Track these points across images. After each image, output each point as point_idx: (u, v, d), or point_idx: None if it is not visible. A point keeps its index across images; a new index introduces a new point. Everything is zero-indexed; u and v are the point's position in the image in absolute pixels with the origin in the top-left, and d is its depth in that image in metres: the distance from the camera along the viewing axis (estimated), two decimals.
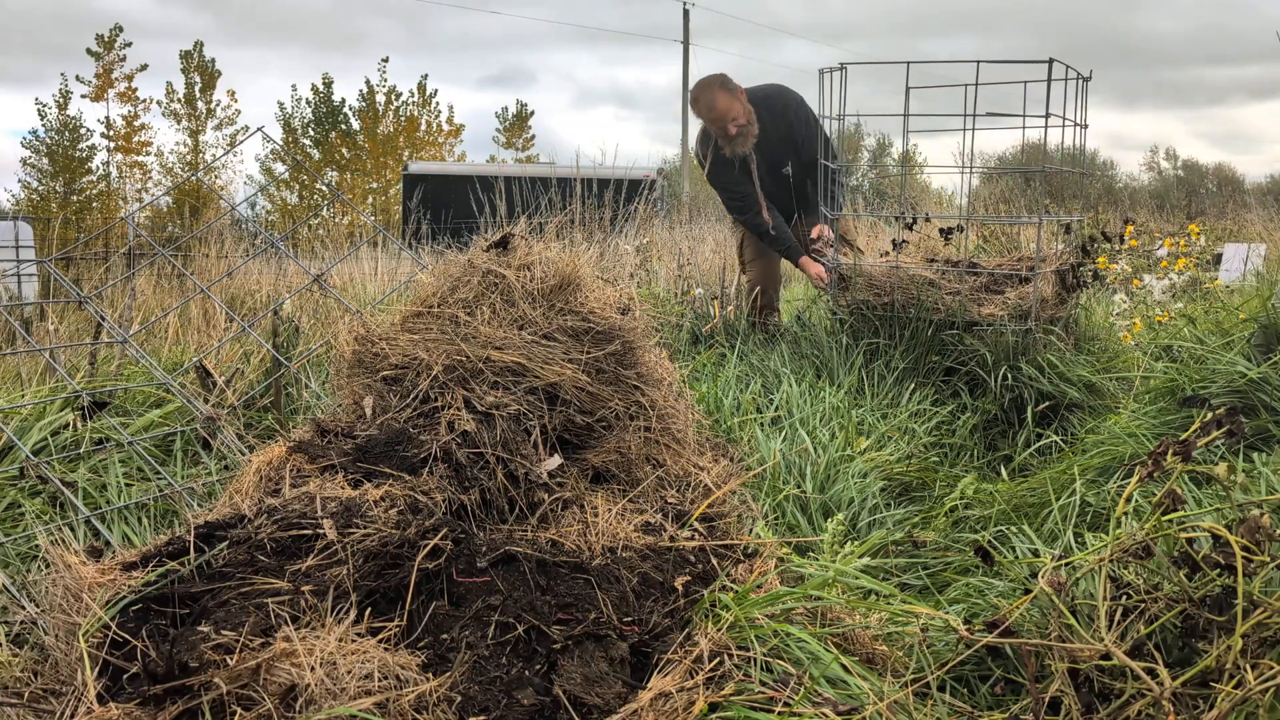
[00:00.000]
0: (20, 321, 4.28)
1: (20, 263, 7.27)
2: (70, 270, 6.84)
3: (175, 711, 1.20)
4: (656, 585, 1.53)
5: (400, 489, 1.63)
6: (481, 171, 12.29)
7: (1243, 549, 1.31)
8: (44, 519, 2.20)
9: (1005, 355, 3.44)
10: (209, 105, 27.12)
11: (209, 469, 2.52)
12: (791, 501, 2.37)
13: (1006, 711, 1.42)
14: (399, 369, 1.97)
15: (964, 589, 1.91)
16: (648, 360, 2.14)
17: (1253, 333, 2.69)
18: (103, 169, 26.13)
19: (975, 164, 5.28)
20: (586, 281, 2.15)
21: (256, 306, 5.09)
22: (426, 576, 1.48)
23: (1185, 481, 2.03)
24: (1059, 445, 2.91)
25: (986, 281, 3.91)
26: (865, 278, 3.90)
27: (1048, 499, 2.32)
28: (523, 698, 1.29)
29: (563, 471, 1.87)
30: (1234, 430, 1.54)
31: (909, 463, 2.84)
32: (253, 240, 6.78)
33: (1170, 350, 2.94)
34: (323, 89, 28.01)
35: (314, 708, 1.19)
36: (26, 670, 1.38)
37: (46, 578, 1.45)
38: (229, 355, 3.34)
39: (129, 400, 2.89)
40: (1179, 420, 2.47)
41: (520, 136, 31.03)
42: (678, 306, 4.91)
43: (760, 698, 1.29)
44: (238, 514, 1.58)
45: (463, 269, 2.16)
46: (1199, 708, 1.23)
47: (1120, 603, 1.40)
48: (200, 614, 1.36)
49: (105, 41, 25.33)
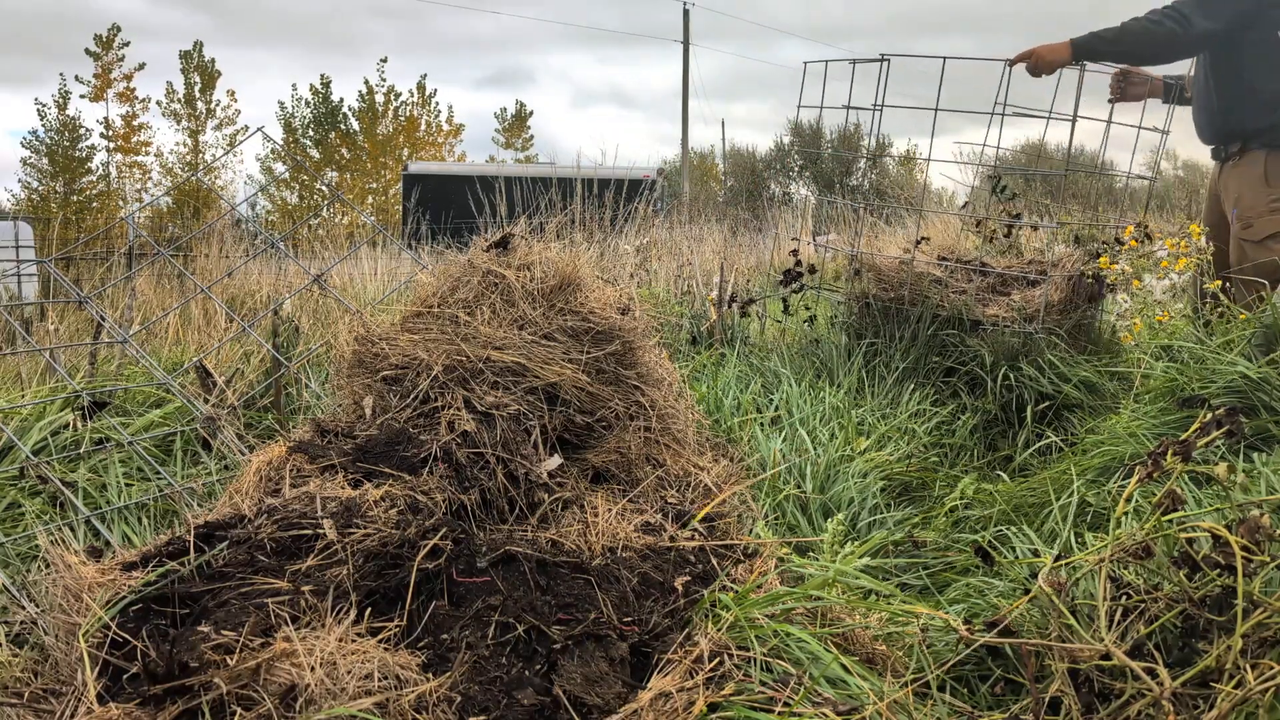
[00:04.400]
0: (20, 321, 4.28)
1: (20, 262, 7.27)
2: (70, 270, 6.84)
3: (175, 711, 1.20)
4: (656, 585, 1.53)
5: (400, 489, 1.63)
6: (481, 171, 12.30)
7: (1243, 549, 1.31)
8: (44, 519, 2.20)
9: (1005, 356, 3.44)
10: (209, 105, 27.14)
11: (209, 469, 2.52)
12: (791, 501, 2.37)
13: (1006, 711, 1.42)
14: (399, 369, 1.97)
15: (964, 589, 1.91)
16: (648, 360, 2.15)
17: (1253, 333, 2.69)
18: (102, 169, 26.14)
19: (979, 164, 5.29)
20: (586, 281, 2.15)
21: (256, 306, 5.09)
22: (426, 576, 1.48)
23: (1185, 481, 2.03)
24: (1059, 445, 2.91)
25: (994, 282, 3.91)
26: (874, 271, 3.90)
27: (1048, 499, 2.32)
28: (523, 698, 1.29)
29: (563, 471, 1.87)
30: (1234, 430, 1.54)
31: (909, 463, 2.84)
32: (253, 240, 6.78)
33: (1170, 350, 2.94)
34: (321, 89, 28.02)
35: (314, 708, 1.19)
36: (26, 670, 1.38)
37: (46, 578, 1.45)
38: (229, 355, 3.35)
39: (129, 400, 2.89)
40: (1179, 420, 2.47)
41: (519, 136, 31.07)
42: (678, 307, 4.91)
43: (760, 698, 1.29)
44: (238, 514, 1.58)
45: (463, 269, 2.17)
46: (1199, 708, 1.23)
47: (1120, 603, 1.40)
48: (200, 614, 1.36)
49: (104, 41, 25.34)
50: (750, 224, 11.66)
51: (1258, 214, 3.42)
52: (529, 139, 31.20)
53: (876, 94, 3.80)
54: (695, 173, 31.62)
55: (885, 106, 3.82)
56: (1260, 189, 3.46)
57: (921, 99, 3.91)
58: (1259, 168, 3.47)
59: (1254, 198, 3.48)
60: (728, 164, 30.17)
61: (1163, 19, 3.38)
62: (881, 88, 3.79)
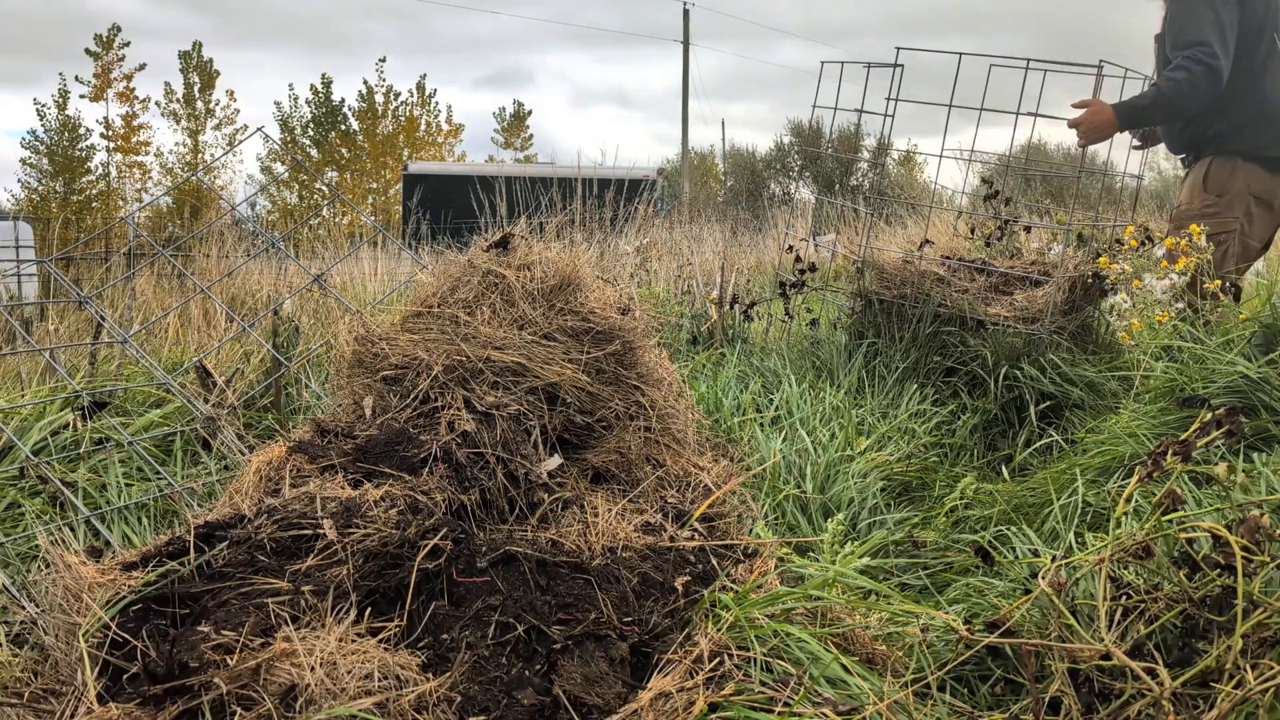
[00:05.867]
0: (20, 321, 4.28)
1: (20, 263, 7.27)
2: (70, 270, 6.84)
3: (175, 711, 1.20)
4: (656, 585, 1.53)
5: (400, 489, 1.63)
6: (481, 171, 12.30)
7: (1243, 549, 1.31)
8: (44, 519, 2.20)
9: (1008, 356, 3.45)
10: (208, 105, 27.15)
11: (209, 469, 2.52)
12: (791, 501, 2.37)
13: (1006, 711, 1.42)
14: (399, 369, 1.97)
15: (964, 589, 1.91)
16: (648, 360, 2.15)
17: (1253, 333, 2.69)
18: (102, 169, 26.14)
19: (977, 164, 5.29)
20: (586, 281, 2.15)
21: (256, 306, 5.09)
22: (426, 576, 1.48)
23: (1185, 481, 2.03)
24: (1059, 445, 2.91)
25: (996, 282, 3.91)
26: (877, 270, 3.90)
27: (1048, 499, 2.32)
28: (523, 698, 1.29)
29: (563, 471, 1.87)
30: (1234, 430, 1.54)
31: (909, 463, 2.84)
32: (253, 240, 6.78)
33: (1170, 350, 2.94)
34: (321, 89, 28.02)
35: (314, 708, 1.19)
36: (26, 670, 1.38)
37: (46, 578, 1.45)
38: (229, 355, 3.34)
39: (129, 400, 2.89)
40: (1179, 420, 2.47)
41: (518, 136, 31.08)
42: (678, 307, 4.91)
43: (760, 698, 1.29)
44: (238, 514, 1.58)
45: (463, 269, 2.16)
46: (1199, 708, 1.23)
47: (1120, 603, 1.40)
48: (200, 614, 1.36)
49: (104, 41, 25.35)
50: (750, 224, 11.67)
51: (1190, 217, 3.49)
52: (528, 139, 31.21)
53: (890, 91, 3.79)
54: (695, 173, 31.63)
55: (900, 100, 3.81)
56: (1198, 193, 3.56)
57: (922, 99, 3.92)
58: (1201, 172, 3.55)
59: (1189, 201, 3.59)
60: (728, 164, 30.18)
61: (1178, 68, 3.39)
62: (895, 89, 3.79)
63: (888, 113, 3.85)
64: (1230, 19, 3.37)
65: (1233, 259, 3.50)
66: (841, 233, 7.24)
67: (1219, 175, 3.51)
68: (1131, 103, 3.51)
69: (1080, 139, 3.58)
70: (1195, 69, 3.34)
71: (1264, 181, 3.48)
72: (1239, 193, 3.48)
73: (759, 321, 4.51)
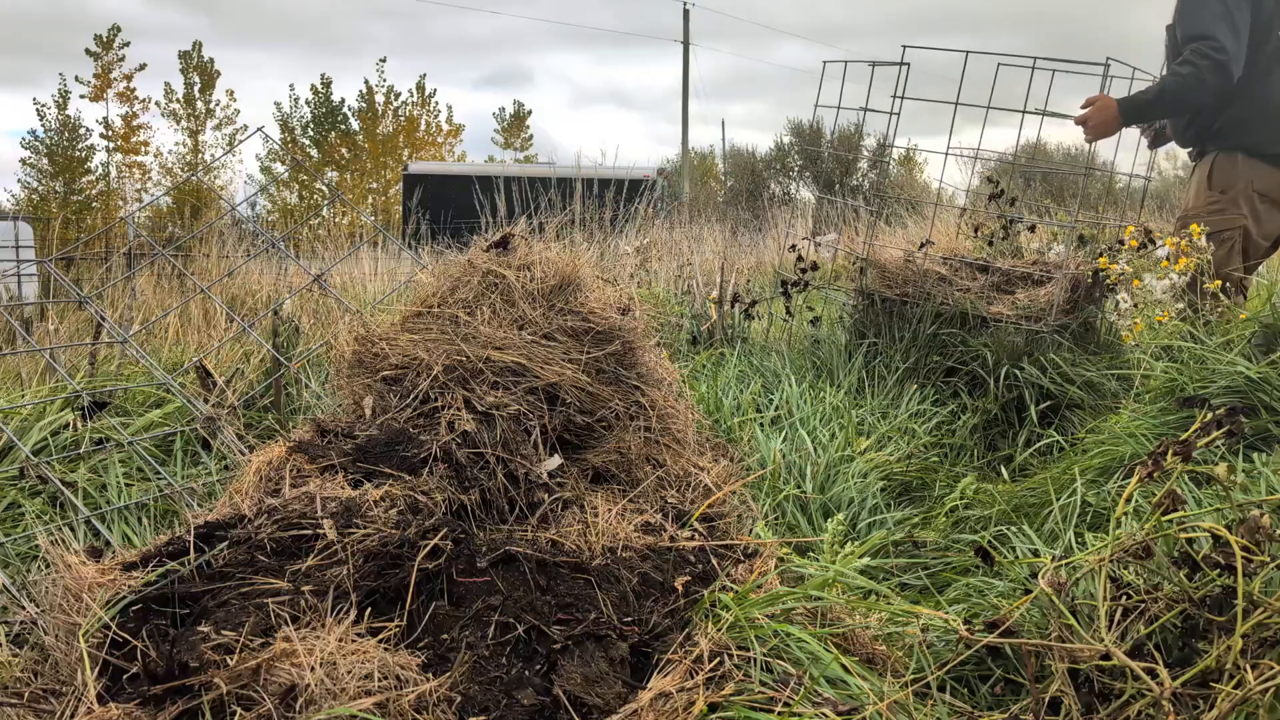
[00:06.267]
0: (20, 321, 4.28)
1: (20, 263, 7.27)
2: (70, 270, 6.84)
3: (175, 711, 1.20)
4: (656, 585, 1.53)
5: (400, 489, 1.63)
6: (481, 171, 12.30)
7: (1243, 549, 1.31)
8: (44, 519, 2.20)
9: (1009, 355, 3.45)
10: (208, 105, 27.14)
11: (209, 469, 2.52)
12: (791, 502, 2.37)
13: (1006, 711, 1.42)
14: (399, 369, 1.97)
15: (964, 589, 1.91)
16: (648, 360, 2.14)
17: (1253, 333, 2.69)
18: (102, 169, 26.14)
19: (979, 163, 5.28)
20: (586, 282, 2.15)
21: (257, 306, 5.09)
22: (426, 576, 1.48)
23: (1185, 481, 2.03)
24: (1059, 445, 2.91)
25: (998, 281, 3.92)
26: (879, 268, 3.90)
27: (1048, 499, 2.32)
28: (523, 698, 1.29)
29: (563, 471, 1.87)
30: (1234, 430, 1.54)
31: (909, 463, 2.84)
32: (253, 240, 6.78)
33: (1170, 350, 2.94)
34: (321, 89, 28.02)
35: (314, 708, 1.19)
36: (26, 670, 1.38)
37: (46, 578, 1.45)
38: (229, 355, 3.34)
39: (129, 400, 2.89)
40: (1179, 420, 2.47)
41: (518, 137, 31.07)
42: (678, 307, 4.91)
43: (760, 698, 1.29)
44: (238, 514, 1.58)
45: (463, 269, 2.16)
46: (1199, 708, 1.23)
47: (1120, 603, 1.40)
48: (200, 614, 1.36)
49: (104, 42, 25.34)
50: (750, 224, 11.66)
51: (1196, 214, 3.48)
52: (528, 139, 31.20)
53: (896, 89, 3.79)
54: (695, 173, 31.61)
55: (905, 98, 3.81)
56: (1203, 190, 3.54)
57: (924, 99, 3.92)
58: (1205, 169, 3.54)
59: (1196, 199, 3.58)
60: (728, 164, 30.17)
61: (1184, 62, 3.37)
62: (901, 88, 3.79)
63: (894, 111, 3.85)
64: (1241, 11, 3.36)
65: (1238, 256, 3.48)
66: (842, 232, 7.24)
67: (1222, 172, 3.50)
68: (1136, 97, 3.51)
69: (1087, 135, 3.58)
70: (1201, 64, 3.33)
71: (1270, 178, 3.47)
72: (1243, 189, 3.47)
73: (759, 321, 4.50)
